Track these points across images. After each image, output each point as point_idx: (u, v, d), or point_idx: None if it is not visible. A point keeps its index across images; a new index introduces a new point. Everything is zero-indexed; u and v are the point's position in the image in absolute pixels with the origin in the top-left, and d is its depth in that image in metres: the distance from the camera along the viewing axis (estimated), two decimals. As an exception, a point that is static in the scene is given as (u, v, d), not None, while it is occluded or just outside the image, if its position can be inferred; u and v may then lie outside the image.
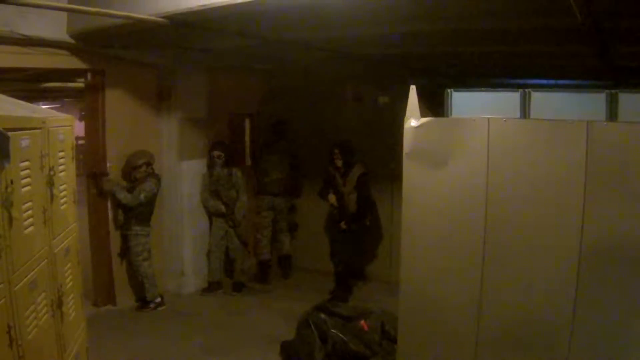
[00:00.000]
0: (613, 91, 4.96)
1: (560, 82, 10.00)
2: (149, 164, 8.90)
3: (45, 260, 4.15)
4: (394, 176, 8.36)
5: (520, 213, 4.72)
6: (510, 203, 4.74)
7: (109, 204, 8.91)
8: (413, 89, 5.14)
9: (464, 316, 5.01)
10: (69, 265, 4.76)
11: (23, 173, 3.77)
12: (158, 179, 9.05)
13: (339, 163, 9.66)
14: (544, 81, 10.12)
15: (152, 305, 9.00)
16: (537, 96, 5.12)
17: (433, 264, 5.12)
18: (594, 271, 4.48)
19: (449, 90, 5.32)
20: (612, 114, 4.90)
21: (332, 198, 9.71)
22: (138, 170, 8.82)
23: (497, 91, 5.36)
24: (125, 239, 8.96)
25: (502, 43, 7.41)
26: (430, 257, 5.12)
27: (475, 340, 4.98)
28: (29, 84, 9.91)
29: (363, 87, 11.13)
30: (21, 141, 3.73)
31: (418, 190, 5.12)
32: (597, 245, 4.45)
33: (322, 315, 6.73)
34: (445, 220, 5.02)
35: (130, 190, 8.76)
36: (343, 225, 9.68)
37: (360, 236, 10.01)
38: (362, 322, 6.71)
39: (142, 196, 8.68)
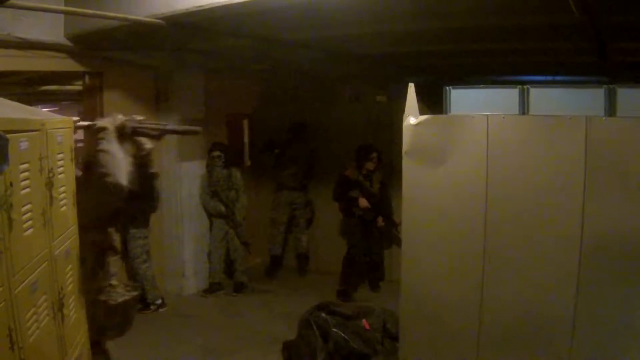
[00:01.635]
0: (611, 86, 4.95)
1: (558, 78, 10.01)
2: None
3: (46, 263, 4.14)
4: (393, 174, 8.41)
5: (520, 209, 4.72)
6: (510, 199, 4.75)
7: (108, 206, 8.88)
8: (411, 87, 5.14)
9: (465, 314, 5.01)
10: (69, 267, 4.75)
11: (22, 175, 3.76)
12: None
13: (373, 167, 9.78)
14: (542, 77, 10.13)
15: (152, 307, 8.99)
16: (535, 92, 5.12)
17: (434, 262, 5.12)
18: (595, 267, 4.49)
19: (447, 88, 5.31)
20: (611, 109, 4.90)
21: (363, 202, 9.76)
22: None
23: (496, 88, 5.36)
24: (124, 241, 8.94)
25: (499, 40, 7.41)
26: (431, 255, 5.12)
27: (477, 337, 4.98)
28: (26, 87, 9.89)
29: (361, 86, 11.14)
30: (20, 143, 3.73)
31: (418, 188, 5.12)
32: (598, 240, 4.45)
33: (323, 315, 6.71)
34: (445, 217, 5.02)
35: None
36: (381, 221, 9.93)
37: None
38: (364, 320, 6.70)
39: None
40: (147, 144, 4.52)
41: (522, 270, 4.76)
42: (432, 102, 5.61)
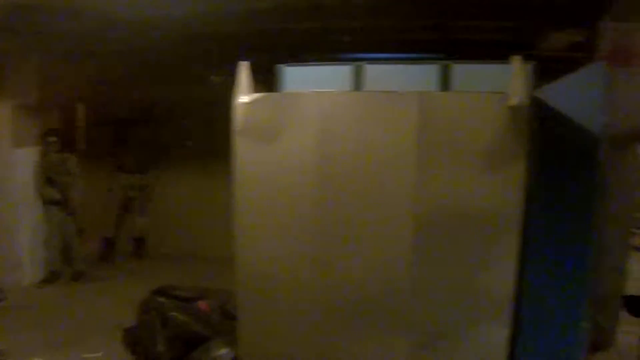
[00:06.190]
0: (445, 62, 5.08)
1: (397, 55, 10.16)
2: None
3: None
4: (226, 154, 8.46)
5: (355, 186, 4.74)
6: (344, 176, 4.75)
7: None
8: (243, 65, 5.09)
9: (303, 292, 4.99)
10: None
11: None
12: None
13: None
14: (382, 55, 10.25)
15: (-10, 301, 8.65)
16: (370, 69, 5.19)
17: (269, 240, 5.07)
18: (430, 239, 4.58)
19: (280, 66, 5.31)
20: (445, 85, 5.02)
21: None
22: None
23: (330, 65, 5.39)
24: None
25: (339, 18, 7.46)
26: (265, 234, 5.07)
27: (315, 315, 4.99)
28: None
29: (203, 67, 11.11)
30: None
31: (250, 167, 5.05)
32: (432, 213, 4.55)
33: (161, 299, 6.63)
34: (279, 196, 4.98)
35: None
36: None
37: None
38: (202, 302, 6.67)
39: None
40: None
41: (360, 246, 4.79)
42: (271, 81, 5.60)
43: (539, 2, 6.94)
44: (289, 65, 5.32)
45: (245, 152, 5.05)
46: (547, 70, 5.32)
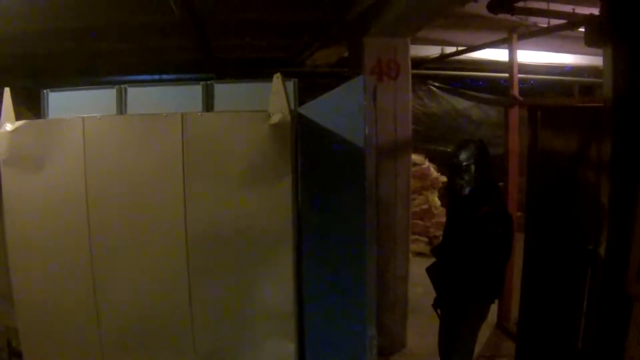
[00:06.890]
0: (209, 82, 5.11)
1: (167, 77, 10.13)
2: None
3: None
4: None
5: (123, 212, 4.69)
6: (112, 202, 4.70)
7: None
8: (7, 91, 4.94)
9: (83, 322, 4.89)
10: None
11: None
12: None
13: None
14: (148, 77, 10.18)
15: None
16: (134, 92, 5.16)
17: (45, 272, 4.93)
18: (202, 260, 4.61)
19: (45, 91, 5.19)
20: (209, 105, 5.06)
21: None
22: None
23: (94, 89, 5.32)
24: None
25: (105, 40, 7.37)
26: (41, 266, 4.93)
27: (98, 344, 4.89)
28: None
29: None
30: None
31: (20, 198, 4.90)
32: (202, 233, 4.57)
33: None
34: (50, 226, 4.86)
35: None
36: None
37: None
38: (-12, 344, 6.41)
39: None
40: None
41: (134, 271, 4.75)
42: (36, 108, 5.46)
43: (305, 21, 7.14)
44: (53, 91, 5.19)
45: (12, 184, 4.91)
46: (316, 85, 5.45)
